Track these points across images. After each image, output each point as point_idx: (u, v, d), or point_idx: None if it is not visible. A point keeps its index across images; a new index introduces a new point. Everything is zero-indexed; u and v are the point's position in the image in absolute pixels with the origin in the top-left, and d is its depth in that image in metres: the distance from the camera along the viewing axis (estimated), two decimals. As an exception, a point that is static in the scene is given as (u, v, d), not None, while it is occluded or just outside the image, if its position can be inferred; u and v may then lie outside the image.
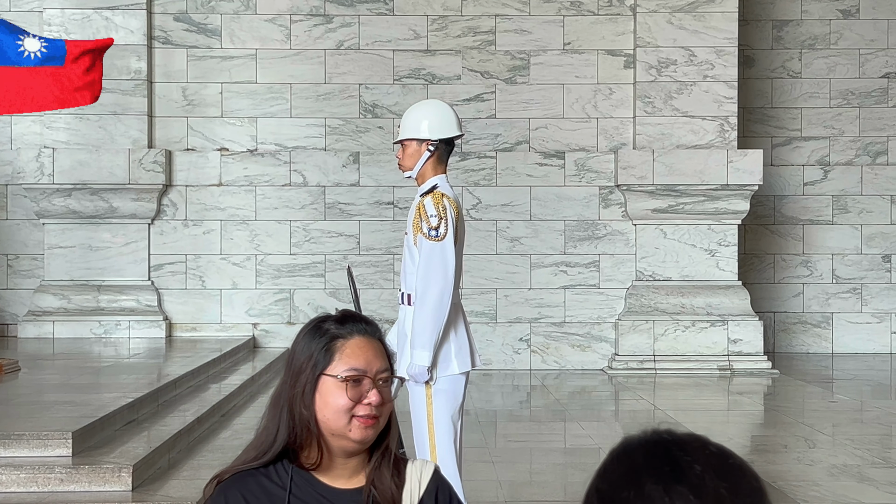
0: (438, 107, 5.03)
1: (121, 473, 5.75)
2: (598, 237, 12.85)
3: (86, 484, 5.70)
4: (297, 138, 12.79)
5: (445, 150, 4.97)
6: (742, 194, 12.60)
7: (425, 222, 4.76)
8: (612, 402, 10.73)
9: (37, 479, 5.68)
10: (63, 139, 12.41)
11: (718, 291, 12.63)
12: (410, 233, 4.87)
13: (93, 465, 5.77)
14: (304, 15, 12.82)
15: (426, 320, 4.70)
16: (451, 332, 4.82)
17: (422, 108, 5.01)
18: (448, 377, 4.78)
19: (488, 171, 12.84)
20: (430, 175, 4.92)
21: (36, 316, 12.31)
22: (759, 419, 9.92)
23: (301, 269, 12.73)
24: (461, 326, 4.90)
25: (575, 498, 6.56)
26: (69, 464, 5.80)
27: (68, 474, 5.71)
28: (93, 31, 12.42)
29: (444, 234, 4.74)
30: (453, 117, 4.99)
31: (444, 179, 4.94)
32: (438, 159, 4.94)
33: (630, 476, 1.34)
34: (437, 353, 4.76)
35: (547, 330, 12.81)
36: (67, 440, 5.95)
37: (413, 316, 4.76)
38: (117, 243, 12.50)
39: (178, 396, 8.42)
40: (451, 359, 4.82)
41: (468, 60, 12.88)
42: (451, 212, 4.79)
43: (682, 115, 12.70)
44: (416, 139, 4.92)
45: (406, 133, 4.95)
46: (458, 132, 4.99)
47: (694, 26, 12.71)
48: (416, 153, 4.92)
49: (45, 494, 5.61)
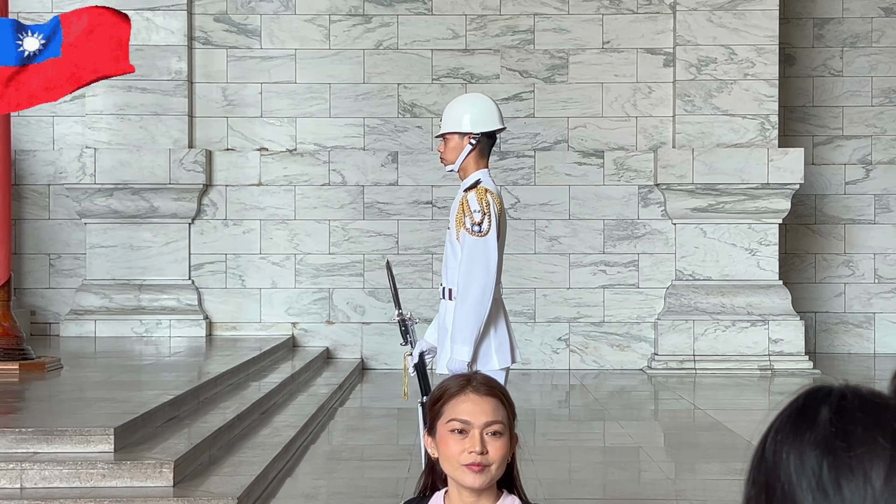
0: (480, 100, 5.02)
1: (162, 469, 5.79)
2: (637, 236, 12.81)
3: (127, 479, 5.74)
4: (336, 138, 12.82)
5: (487, 144, 4.96)
6: (783, 193, 12.52)
7: (468, 217, 4.76)
8: (651, 402, 10.69)
9: (79, 474, 5.73)
10: (104, 139, 12.50)
11: (759, 291, 12.55)
12: (453, 228, 4.87)
13: (134, 461, 5.82)
14: (343, 15, 12.86)
15: (467, 315, 4.69)
16: (491, 328, 4.82)
17: (464, 102, 5.01)
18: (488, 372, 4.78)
19: (527, 171, 12.82)
20: (472, 169, 4.92)
21: (78, 315, 12.41)
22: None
23: (340, 268, 12.76)
24: (501, 322, 4.89)
25: (614, 496, 6.54)
26: (111, 459, 5.85)
27: (110, 470, 5.76)
28: (134, 31, 12.47)
29: (487, 229, 4.74)
30: (495, 111, 4.99)
31: (486, 174, 4.93)
32: (480, 153, 4.93)
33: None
34: (478, 348, 4.76)
35: (586, 329, 12.78)
36: (109, 436, 6.00)
37: (454, 311, 4.76)
38: (158, 243, 12.58)
39: (219, 394, 8.46)
40: (492, 354, 4.81)
41: (507, 59, 12.87)
42: (494, 207, 4.78)
43: (723, 113, 12.64)
44: (458, 132, 4.92)
45: (448, 126, 4.95)
46: (500, 125, 4.98)
47: (734, 24, 12.64)
48: (458, 147, 4.92)
49: (87, 489, 5.66)
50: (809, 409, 1.34)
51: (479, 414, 2.67)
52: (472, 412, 2.67)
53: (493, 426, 2.66)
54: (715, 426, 8.96)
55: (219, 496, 5.63)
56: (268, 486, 6.58)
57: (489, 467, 2.64)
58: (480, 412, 2.67)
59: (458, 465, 2.65)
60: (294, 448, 7.71)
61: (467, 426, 2.65)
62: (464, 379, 2.76)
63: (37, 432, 6.00)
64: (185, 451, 6.13)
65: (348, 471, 7.28)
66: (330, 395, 10.01)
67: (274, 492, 6.52)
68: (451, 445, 2.66)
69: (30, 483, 5.68)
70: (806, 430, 1.32)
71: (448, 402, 2.69)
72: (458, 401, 2.69)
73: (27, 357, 8.71)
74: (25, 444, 5.96)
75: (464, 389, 2.70)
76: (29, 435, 5.98)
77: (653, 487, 6.75)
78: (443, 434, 2.69)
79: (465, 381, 2.74)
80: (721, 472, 7.16)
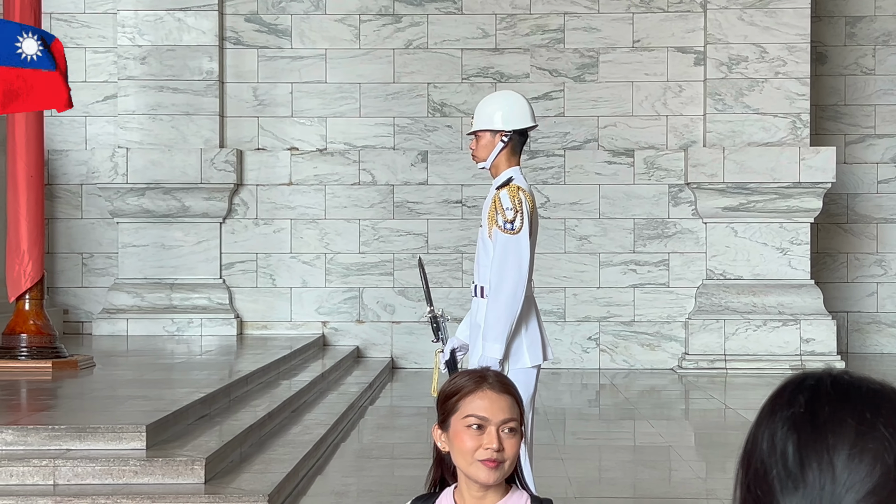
0: (512, 97, 5.02)
1: (194, 466, 5.82)
2: (667, 235, 12.77)
3: (159, 476, 5.78)
4: (366, 137, 12.85)
5: (519, 141, 4.96)
6: (814, 192, 12.46)
7: (501, 215, 4.76)
8: (682, 402, 10.66)
9: (111, 470, 5.76)
10: (136, 139, 12.58)
11: (790, 290, 12.49)
12: (485, 225, 4.87)
13: (166, 458, 5.85)
14: (373, 15, 12.88)
15: (499, 313, 4.70)
16: (522, 326, 4.82)
17: (496, 99, 5.01)
18: (520, 370, 4.78)
19: (557, 170, 12.81)
20: (503, 166, 4.92)
21: (110, 314, 12.49)
22: (832, 419, 9.78)
23: (370, 267, 12.79)
24: (533, 320, 4.89)
25: (644, 495, 6.53)
26: (143, 456, 5.88)
27: (142, 466, 5.79)
28: (165, 31, 12.58)
29: (519, 227, 4.74)
30: (527, 108, 4.98)
31: (518, 171, 4.93)
32: (512, 150, 4.93)
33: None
34: (509, 345, 4.76)
35: (616, 329, 12.75)
36: (141, 433, 6.04)
37: (486, 308, 4.76)
38: (189, 242, 12.65)
39: (250, 392, 8.50)
40: (523, 351, 4.81)
41: (536, 59, 12.86)
42: (526, 205, 4.78)
43: (754, 112, 12.58)
44: (490, 130, 4.92)
45: (479, 124, 4.95)
46: (531, 123, 4.97)
47: (765, 23, 12.58)
48: (490, 144, 4.92)
49: (119, 486, 5.69)
50: (787, 392, 1.38)
51: (496, 411, 2.71)
52: (490, 409, 2.71)
53: (509, 423, 2.71)
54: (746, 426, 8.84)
55: (250, 493, 5.66)
56: (298, 483, 6.60)
57: (503, 464, 2.70)
58: (498, 409, 2.72)
59: (473, 461, 2.69)
60: (324, 446, 7.73)
61: (485, 422, 2.70)
62: (478, 375, 2.79)
63: (70, 429, 6.04)
64: (217, 449, 6.16)
65: (378, 469, 7.30)
66: (360, 393, 10.03)
67: (304, 489, 6.55)
68: (466, 441, 2.70)
69: (62, 480, 5.72)
70: (779, 409, 1.36)
71: (465, 398, 2.73)
72: (476, 397, 2.72)
73: (60, 355, 8.78)
74: (58, 441, 6.00)
75: (480, 386, 2.74)
76: (62, 432, 6.03)
77: (683, 486, 6.73)
78: (458, 429, 2.73)
79: (480, 377, 2.78)
80: (752, 472, 7.13)
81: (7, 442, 5.98)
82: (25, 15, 8.62)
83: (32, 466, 5.75)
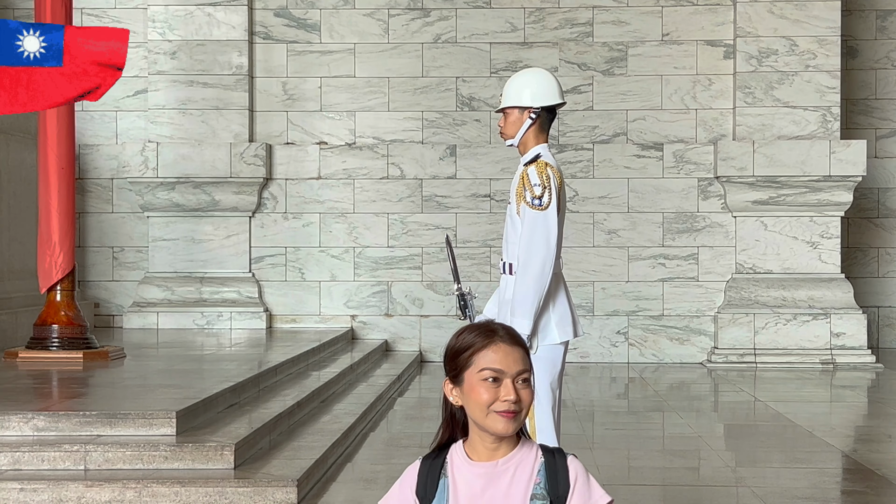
0: (541, 75, 5.02)
1: (223, 452, 5.84)
2: (696, 229, 12.73)
3: (189, 462, 5.81)
4: (394, 132, 12.87)
5: (547, 119, 4.97)
6: (845, 185, 12.39)
7: (529, 191, 4.76)
8: (711, 395, 10.62)
9: (142, 456, 5.80)
10: (167, 133, 12.65)
11: (821, 284, 12.43)
12: (513, 202, 4.87)
13: (196, 444, 5.88)
14: (401, 9, 12.90)
15: (528, 289, 4.70)
16: (550, 302, 4.81)
17: (524, 77, 5.01)
18: (548, 346, 4.78)
19: (585, 164, 12.79)
20: (531, 144, 4.93)
21: (140, 307, 12.56)
22: (862, 411, 9.74)
23: (399, 261, 12.81)
24: (561, 296, 4.88)
25: (673, 484, 6.52)
26: (173, 442, 5.91)
27: (172, 452, 5.82)
28: (195, 26, 12.64)
29: (547, 203, 4.74)
30: (555, 85, 4.98)
31: (546, 148, 4.93)
32: (540, 128, 4.94)
33: None
34: (538, 322, 4.76)
35: (645, 323, 12.72)
36: (171, 420, 6.07)
37: (515, 284, 4.76)
38: (219, 236, 12.71)
39: (279, 383, 8.53)
40: (552, 328, 4.81)
41: (565, 52, 12.85)
42: (554, 181, 4.78)
43: (784, 105, 12.53)
44: (518, 107, 4.93)
45: (508, 101, 4.96)
46: (559, 100, 4.98)
47: (795, 16, 12.53)
48: (518, 121, 4.93)
49: (149, 471, 5.73)
50: None
51: (510, 363, 2.77)
52: (505, 361, 2.77)
53: (523, 374, 2.78)
54: (776, 417, 8.89)
55: (279, 478, 5.68)
56: (327, 470, 6.62)
57: (519, 414, 2.77)
58: (512, 361, 2.78)
59: (490, 412, 2.75)
60: (353, 435, 7.75)
61: (501, 374, 2.76)
62: (488, 329, 2.83)
63: (101, 415, 6.08)
64: (246, 435, 6.19)
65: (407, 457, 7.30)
66: (388, 385, 10.05)
67: (333, 476, 6.57)
68: (482, 393, 2.75)
69: (93, 465, 5.76)
70: None
71: (478, 353, 2.78)
72: (489, 350, 2.78)
73: (91, 346, 8.84)
74: (89, 427, 6.04)
75: (492, 339, 2.79)
76: (93, 418, 6.07)
77: (712, 476, 6.71)
78: (473, 383, 2.77)
79: (490, 330, 2.83)
80: (783, 462, 7.10)
81: (39, 428, 6.02)
82: (56, 10, 8.66)
83: (64, 451, 5.80)
